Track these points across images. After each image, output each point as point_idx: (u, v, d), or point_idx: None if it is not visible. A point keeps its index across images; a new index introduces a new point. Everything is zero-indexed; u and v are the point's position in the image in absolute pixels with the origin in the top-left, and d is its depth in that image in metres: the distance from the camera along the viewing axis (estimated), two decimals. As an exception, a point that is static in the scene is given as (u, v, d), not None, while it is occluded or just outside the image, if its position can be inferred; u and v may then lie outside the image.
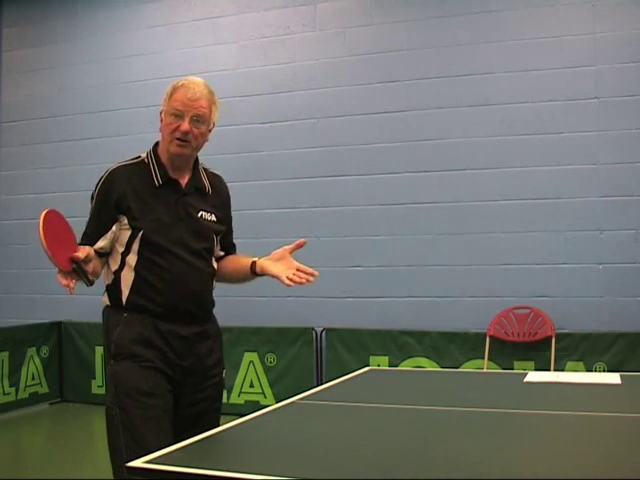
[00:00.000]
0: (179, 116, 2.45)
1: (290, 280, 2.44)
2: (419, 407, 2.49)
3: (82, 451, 4.94)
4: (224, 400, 2.73)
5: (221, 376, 2.62)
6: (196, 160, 2.61)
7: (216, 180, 2.71)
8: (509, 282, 5.55)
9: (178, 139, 2.47)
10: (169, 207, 2.49)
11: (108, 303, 2.52)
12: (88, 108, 6.80)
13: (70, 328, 6.57)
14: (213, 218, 2.60)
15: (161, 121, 2.53)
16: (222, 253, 2.71)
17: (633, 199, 5.32)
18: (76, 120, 6.85)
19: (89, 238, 2.48)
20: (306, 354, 5.88)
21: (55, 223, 2.29)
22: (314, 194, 6.07)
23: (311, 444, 2.02)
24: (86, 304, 3.68)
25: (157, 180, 2.50)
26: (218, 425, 2.48)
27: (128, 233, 2.46)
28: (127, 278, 2.46)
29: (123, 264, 2.47)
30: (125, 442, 2.33)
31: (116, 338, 2.43)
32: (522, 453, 1.87)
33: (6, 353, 6.09)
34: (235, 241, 2.84)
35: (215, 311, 2.65)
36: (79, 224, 2.58)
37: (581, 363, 5.23)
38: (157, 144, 2.59)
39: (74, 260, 2.25)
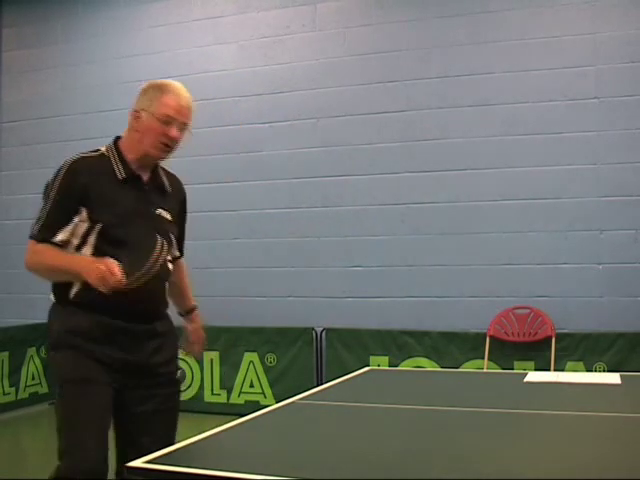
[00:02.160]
0: (168, 122, 2.46)
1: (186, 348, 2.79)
2: (419, 407, 2.49)
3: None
4: (224, 400, 2.76)
5: (174, 375, 2.58)
6: None
7: (174, 180, 2.69)
8: (509, 282, 5.55)
9: (164, 144, 2.47)
10: (130, 202, 2.46)
11: (54, 300, 2.49)
12: (88, 108, 6.79)
13: (70, 328, 6.57)
14: (169, 217, 2.58)
15: (136, 119, 2.51)
16: (178, 254, 2.72)
17: (633, 199, 5.32)
18: (76, 120, 6.84)
19: (49, 230, 2.41)
20: (306, 354, 5.87)
21: None
22: (314, 194, 6.07)
23: (311, 444, 2.02)
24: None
25: (120, 174, 2.47)
26: (176, 425, 2.54)
27: (85, 225, 2.41)
28: None
29: None
30: (61, 427, 2.35)
31: (57, 329, 2.42)
32: (522, 453, 1.87)
33: (6, 353, 6.09)
34: (235, 241, 2.87)
35: (215, 311, 2.67)
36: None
37: (581, 363, 5.22)
38: (118, 139, 2.57)
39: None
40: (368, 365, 5.03)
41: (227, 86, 6.35)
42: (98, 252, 2.38)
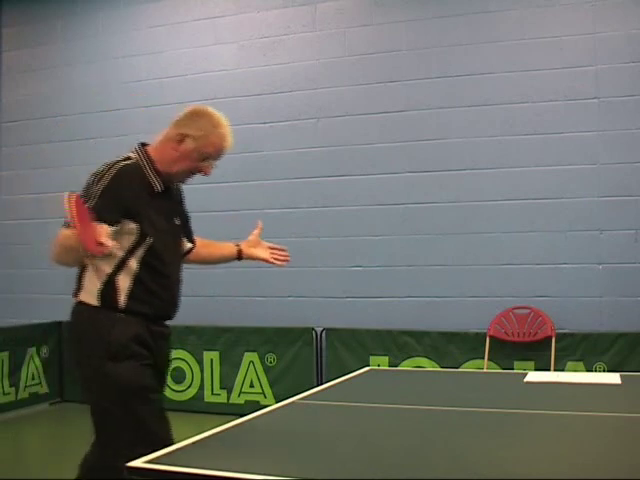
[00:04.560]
0: (208, 160, 2.56)
1: (276, 260, 2.98)
2: (419, 407, 2.49)
3: (82, 451, 4.94)
4: (224, 400, 2.83)
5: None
6: None
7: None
8: (509, 282, 5.55)
9: (193, 174, 2.59)
10: (164, 215, 2.56)
11: (97, 304, 2.47)
12: (88, 108, 6.79)
13: (70, 328, 6.56)
14: (179, 223, 2.69)
15: (179, 141, 2.51)
16: (190, 245, 2.84)
17: (633, 199, 5.32)
18: (76, 120, 6.84)
19: None
20: (306, 354, 5.87)
21: (80, 206, 2.23)
22: (314, 194, 6.07)
23: (311, 444, 2.02)
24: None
25: (158, 187, 2.53)
26: None
27: (132, 238, 2.45)
28: (124, 282, 2.46)
29: (120, 268, 2.46)
30: (129, 440, 2.36)
31: (115, 338, 2.43)
32: (522, 453, 1.87)
33: (6, 353, 6.08)
34: (236, 241, 2.99)
35: (215, 311, 2.73)
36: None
37: (581, 363, 5.22)
38: (145, 146, 2.59)
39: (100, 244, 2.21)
40: (368, 365, 5.03)
41: (227, 86, 6.34)
42: (145, 265, 2.47)
